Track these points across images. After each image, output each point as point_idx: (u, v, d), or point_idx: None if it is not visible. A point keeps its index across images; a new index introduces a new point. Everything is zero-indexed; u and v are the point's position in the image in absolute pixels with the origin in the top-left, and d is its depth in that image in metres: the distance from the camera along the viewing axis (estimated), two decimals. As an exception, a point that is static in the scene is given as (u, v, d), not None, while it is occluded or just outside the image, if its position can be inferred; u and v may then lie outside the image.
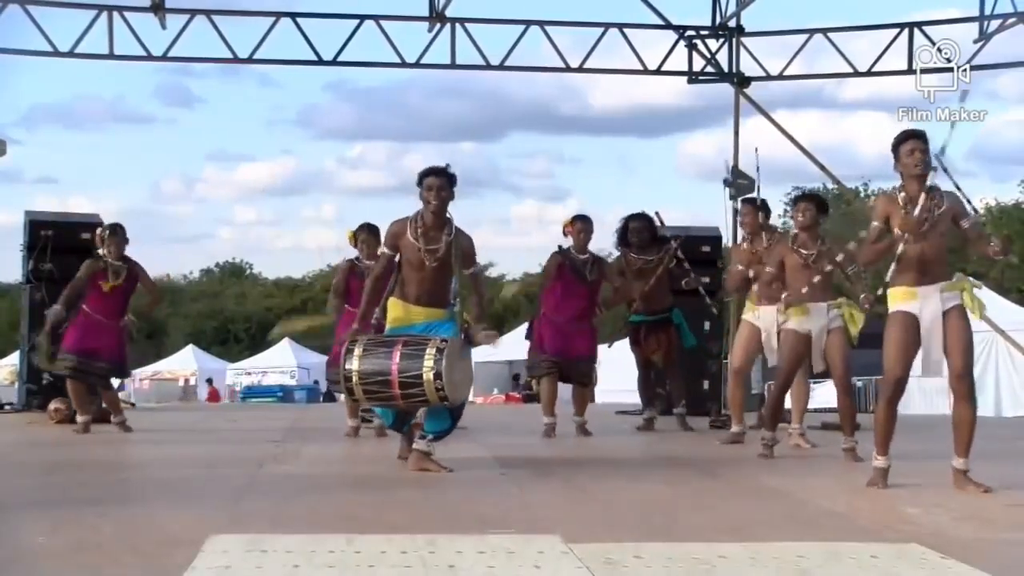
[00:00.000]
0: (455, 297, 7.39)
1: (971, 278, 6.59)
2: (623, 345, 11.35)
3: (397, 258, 7.21)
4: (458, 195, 7.18)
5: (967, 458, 6.42)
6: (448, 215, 7.12)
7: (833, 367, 8.26)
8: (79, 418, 10.05)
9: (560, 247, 10.05)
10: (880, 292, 6.77)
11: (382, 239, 7.50)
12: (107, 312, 9.90)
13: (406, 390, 6.85)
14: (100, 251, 9.96)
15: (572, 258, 9.92)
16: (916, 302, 6.42)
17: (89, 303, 9.89)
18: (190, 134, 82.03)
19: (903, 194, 6.49)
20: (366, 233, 9.52)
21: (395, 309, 7.21)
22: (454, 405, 7.06)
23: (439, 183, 7.04)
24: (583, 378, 10.13)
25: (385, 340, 7.06)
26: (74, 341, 9.88)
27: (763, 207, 9.81)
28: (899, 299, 6.47)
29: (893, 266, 6.49)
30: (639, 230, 10.52)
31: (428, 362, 6.79)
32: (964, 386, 6.42)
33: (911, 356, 6.46)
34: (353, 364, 6.95)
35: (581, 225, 9.94)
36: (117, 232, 9.97)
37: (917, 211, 6.36)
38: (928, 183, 6.41)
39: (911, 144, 6.46)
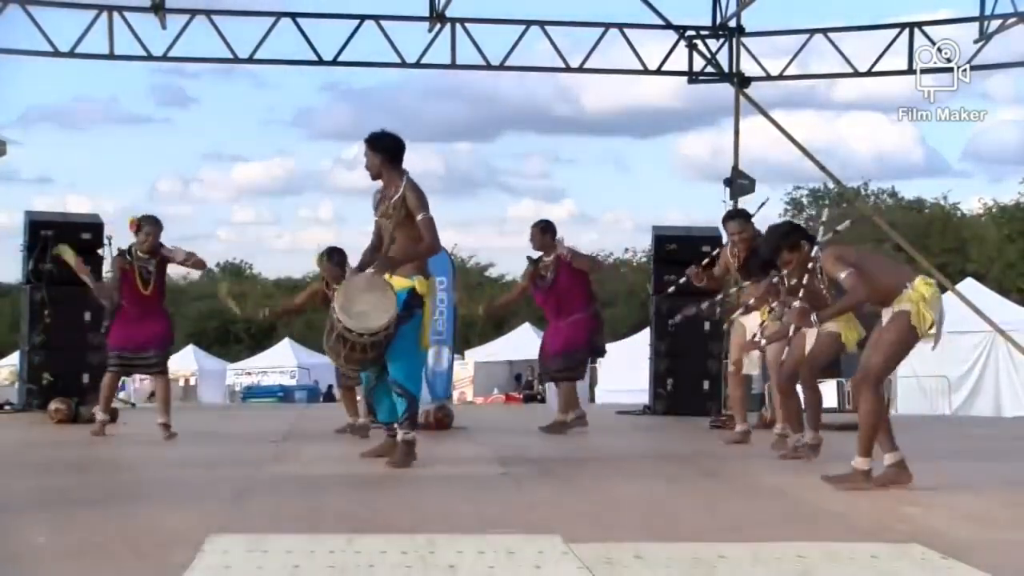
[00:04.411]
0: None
1: (929, 286, 6.41)
2: (622, 346, 11.36)
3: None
4: (455, 195, 7.53)
5: (868, 458, 6.39)
6: (403, 170, 7.33)
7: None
8: (98, 416, 9.72)
9: (529, 257, 10.34)
10: None
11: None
12: (146, 305, 9.54)
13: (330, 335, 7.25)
14: (132, 243, 9.56)
15: (538, 267, 10.24)
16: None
17: (127, 301, 9.52)
18: (186, 134, 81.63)
19: None
20: (326, 259, 9.80)
21: None
22: (366, 331, 7.09)
23: (365, 152, 7.35)
24: (552, 375, 10.39)
25: None
26: (120, 339, 9.55)
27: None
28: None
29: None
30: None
31: (335, 303, 7.22)
32: (858, 377, 6.45)
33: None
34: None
35: (532, 232, 10.27)
36: (157, 223, 9.56)
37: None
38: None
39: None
